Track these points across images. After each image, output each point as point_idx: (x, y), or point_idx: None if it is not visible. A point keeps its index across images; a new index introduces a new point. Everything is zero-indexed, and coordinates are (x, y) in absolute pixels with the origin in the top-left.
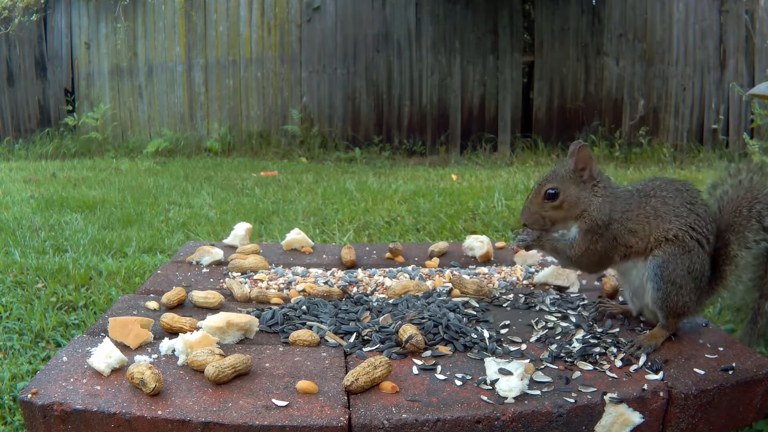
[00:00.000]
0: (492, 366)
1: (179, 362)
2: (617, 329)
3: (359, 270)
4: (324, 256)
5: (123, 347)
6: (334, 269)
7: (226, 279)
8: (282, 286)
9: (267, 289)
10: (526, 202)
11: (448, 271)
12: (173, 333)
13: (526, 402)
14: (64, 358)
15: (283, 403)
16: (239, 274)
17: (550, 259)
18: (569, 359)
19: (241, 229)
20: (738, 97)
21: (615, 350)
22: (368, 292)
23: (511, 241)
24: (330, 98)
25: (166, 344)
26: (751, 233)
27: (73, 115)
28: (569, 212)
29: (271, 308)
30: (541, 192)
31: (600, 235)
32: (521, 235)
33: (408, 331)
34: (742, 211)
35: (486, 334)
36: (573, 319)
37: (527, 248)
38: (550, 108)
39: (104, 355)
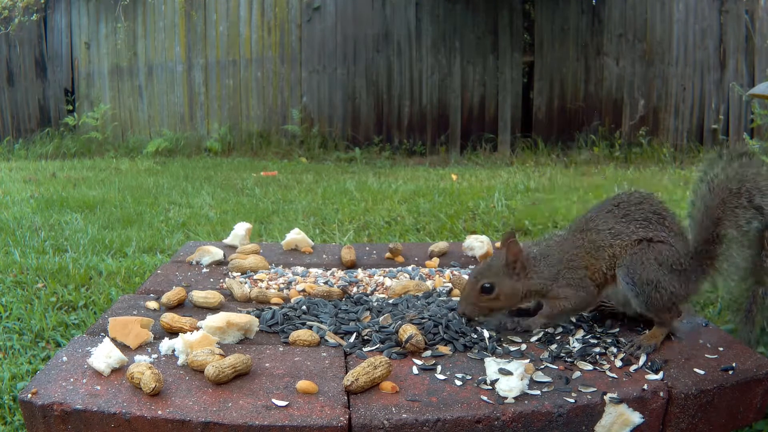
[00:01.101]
0: (492, 366)
1: (179, 362)
2: (617, 329)
3: (359, 270)
4: (324, 256)
5: (123, 347)
6: (334, 269)
7: (226, 279)
8: (282, 286)
9: (267, 289)
10: (462, 294)
11: (448, 271)
12: (173, 333)
13: (526, 402)
14: (64, 358)
15: (283, 403)
16: (239, 274)
17: None
18: (569, 359)
19: (241, 229)
20: (738, 97)
21: (615, 350)
22: (368, 292)
23: (514, 331)
24: (330, 98)
25: (166, 344)
26: (741, 211)
27: (73, 115)
28: (508, 302)
29: (271, 308)
30: (477, 287)
31: (559, 290)
32: (520, 326)
33: (408, 331)
34: (732, 190)
35: (486, 334)
36: (573, 319)
37: (528, 332)
38: (550, 108)
39: (104, 355)
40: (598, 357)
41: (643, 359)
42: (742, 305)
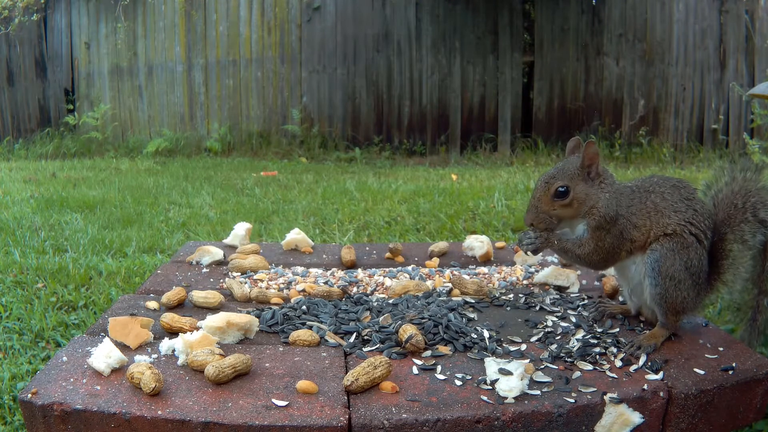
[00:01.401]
0: (492, 366)
1: (179, 362)
2: (617, 329)
3: (359, 270)
4: (324, 256)
5: (123, 347)
6: (334, 269)
7: (226, 279)
8: (282, 286)
9: (267, 289)
10: (531, 201)
11: (448, 271)
12: (173, 333)
13: (526, 402)
14: (64, 358)
15: (283, 403)
16: (239, 274)
17: (550, 258)
18: (569, 359)
19: (241, 229)
20: (738, 97)
21: (615, 350)
22: (368, 292)
23: (518, 244)
24: (330, 98)
25: (166, 344)
26: (746, 226)
27: (74, 114)
28: (578, 210)
29: (271, 308)
30: (550, 189)
31: (608, 231)
32: (527, 238)
33: (408, 331)
34: (737, 205)
35: (486, 334)
36: (573, 319)
37: (535, 251)
38: (550, 108)
39: (104, 355)
40: (598, 357)
41: (643, 359)
42: (746, 314)
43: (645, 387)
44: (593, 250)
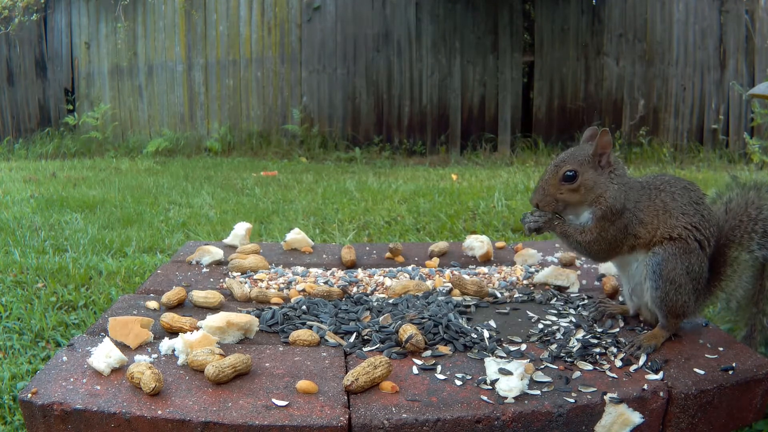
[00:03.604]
0: (492, 366)
1: (179, 362)
2: (617, 329)
3: (359, 270)
4: (324, 256)
5: (123, 347)
6: (334, 269)
7: (226, 279)
8: (282, 285)
9: (267, 289)
10: (539, 182)
11: (448, 271)
12: (173, 333)
13: (526, 402)
14: (64, 358)
15: (283, 403)
16: (239, 274)
17: (550, 258)
18: (569, 359)
19: (241, 228)
20: (738, 97)
21: (615, 350)
22: (368, 292)
23: (521, 221)
24: (330, 98)
25: (166, 344)
26: (756, 236)
27: (74, 114)
28: (585, 196)
29: (271, 308)
30: (559, 173)
31: (612, 223)
32: (531, 217)
33: (408, 331)
34: (751, 215)
35: (486, 334)
36: (573, 319)
37: (538, 230)
38: (550, 108)
39: (104, 355)
40: (598, 357)
41: (643, 359)
42: (742, 331)
43: (645, 387)
44: (595, 239)
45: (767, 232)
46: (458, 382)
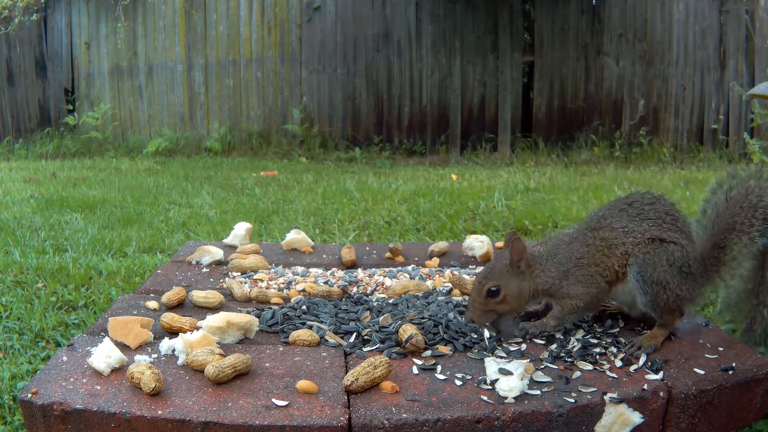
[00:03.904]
0: (492, 366)
1: (179, 362)
2: (617, 329)
3: (359, 270)
4: (324, 256)
5: (123, 347)
6: (334, 269)
7: (226, 279)
8: (282, 285)
9: (267, 288)
10: (470, 299)
11: (448, 271)
12: (173, 333)
13: (526, 402)
14: (64, 358)
15: (283, 403)
16: (239, 273)
17: None
18: (569, 359)
19: (241, 228)
20: (738, 97)
21: (615, 350)
22: (368, 292)
23: (528, 337)
24: (330, 98)
25: (166, 344)
26: (757, 222)
27: (74, 114)
28: (515, 303)
29: (271, 308)
30: (482, 291)
31: (567, 293)
32: (532, 329)
33: (408, 330)
34: (751, 200)
35: (486, 334)
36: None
37: (543, 336)
38: (550, 108)
39: (104, 355)
40: (598, 357)
41: (643, 359)
42: (742, 323)
43: (645, 387)
44: (573, 308)
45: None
46: (458, 382)
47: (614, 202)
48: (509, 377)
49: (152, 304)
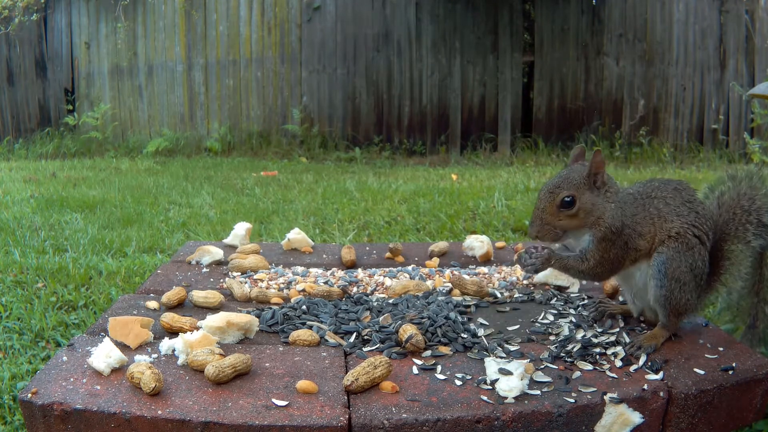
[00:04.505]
0: (492, 366)
1: (179, 362)
2: (617, 329)
3: (359, 270)
4: (324, 256)
5: (123, 347)
6: (334, 269)
7: (226, 279)
8: (282, 285)
9: (267, 288)
10: (535, 212)
11: (448, 271)
12: (173, 333)
13: (526, 402)
14: (64, 358)
15: (283, 403)
16: (239, 273)
17: None
18: (569, 359)
19: (241, 228)
20: (738, 97)
21: (615, 350)
22: (368, 291)
23: (519, 264)
24: (330, 98)
25: (166, 344)
26: (751, 226)
27: (74, 114)
28: (584, 220)
29: (271, 308)
30: (556, 200)
31: (613, 243)
32: (528, 260)
33: (408, 330)
34: (744, 206)
35: (482, 332)
36: (573, 319)
37: (537, 272)
38: (550, 108)
39: (104, 355)
40: (598, 357)
41: (643, 359)
42: (744, 321)
43: (645, 387)
44: (598, 263)
45: (761, 221)
46: (458, 382)
47: (664, 181)
48: (509, 377)
49: (152, 304)
